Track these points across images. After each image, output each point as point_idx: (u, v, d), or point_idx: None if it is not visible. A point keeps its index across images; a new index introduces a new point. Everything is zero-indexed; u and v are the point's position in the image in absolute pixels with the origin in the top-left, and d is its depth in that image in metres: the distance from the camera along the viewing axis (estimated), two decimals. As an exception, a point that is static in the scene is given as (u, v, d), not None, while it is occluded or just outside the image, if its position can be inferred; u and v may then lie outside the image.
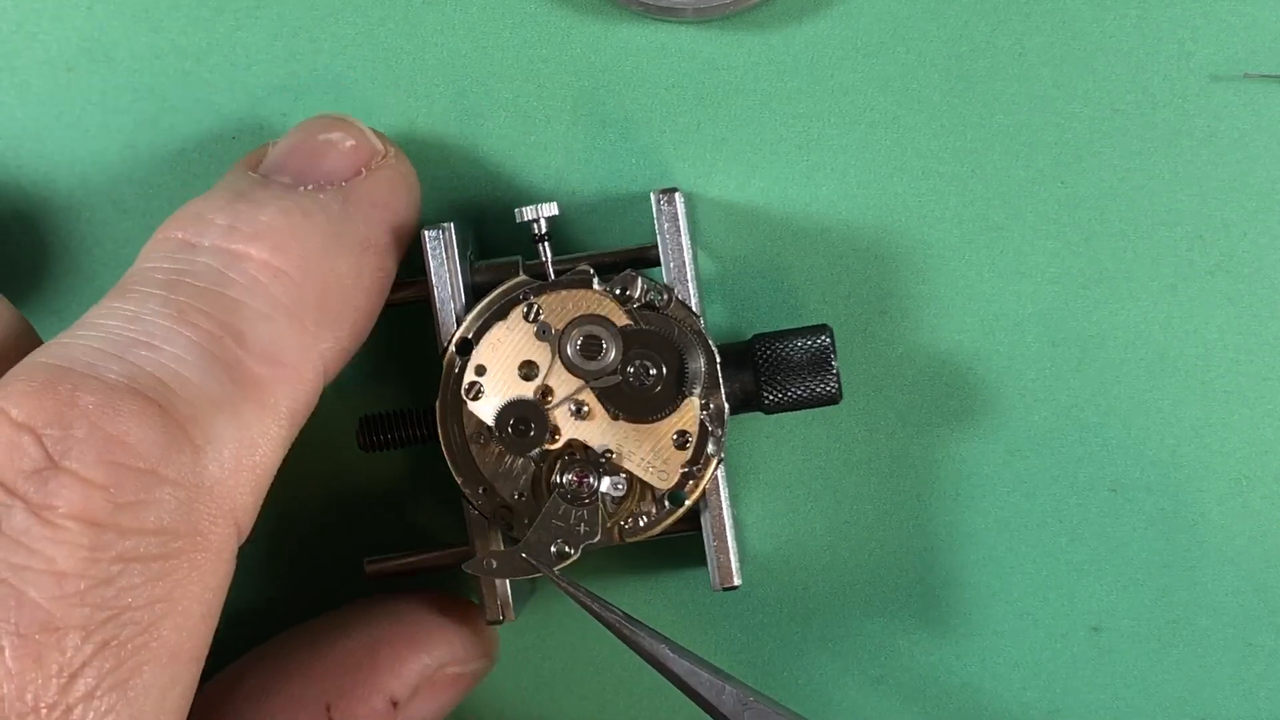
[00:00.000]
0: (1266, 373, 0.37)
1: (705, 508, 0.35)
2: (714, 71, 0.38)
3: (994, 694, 0.39)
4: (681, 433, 0.34)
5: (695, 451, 0.34)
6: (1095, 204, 0.37)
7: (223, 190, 0.33)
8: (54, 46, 0.38)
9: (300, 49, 0.38)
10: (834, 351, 0.35)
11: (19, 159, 0.38)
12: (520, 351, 0.34)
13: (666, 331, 0.34)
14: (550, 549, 0.34)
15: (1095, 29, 0.37)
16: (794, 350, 0.35)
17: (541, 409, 0.34)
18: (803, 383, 0.35)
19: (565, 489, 0.34)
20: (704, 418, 0.34)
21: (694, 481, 0.35)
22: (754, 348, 0.35)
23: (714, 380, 0.35)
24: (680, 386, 0.34)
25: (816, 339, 0.35)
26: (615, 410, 0.34)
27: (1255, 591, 0.38)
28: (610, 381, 0.34)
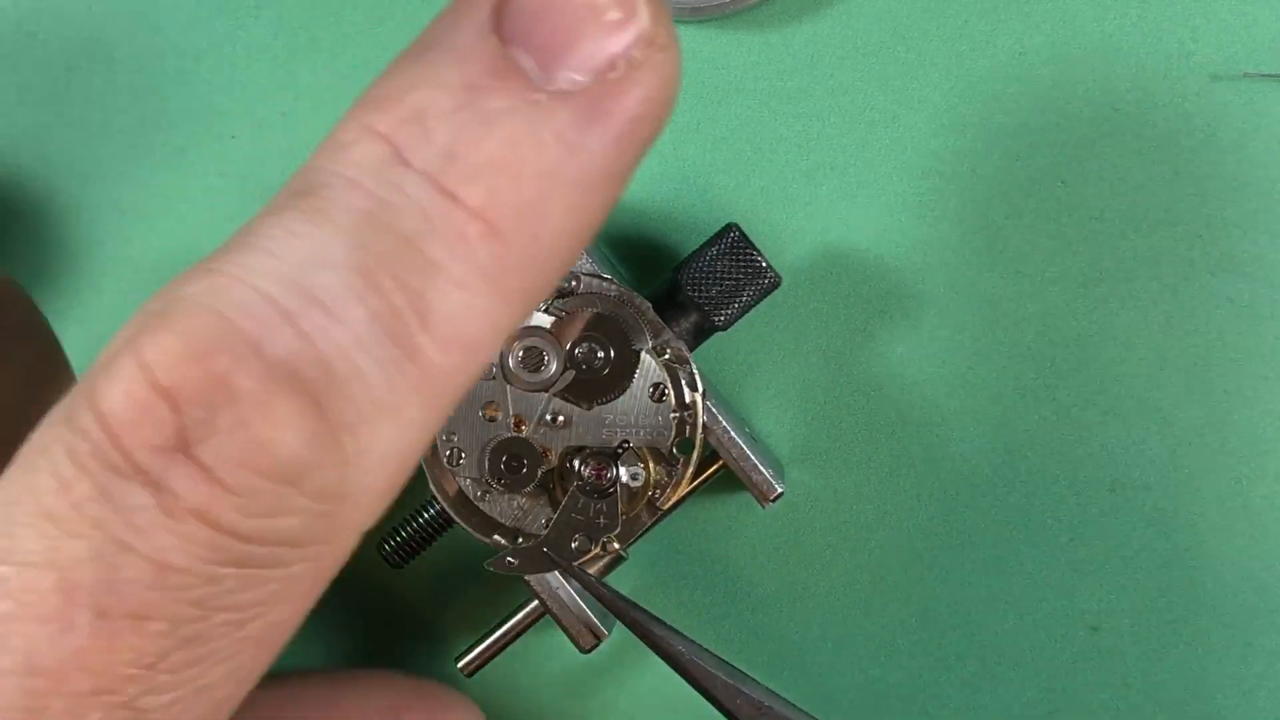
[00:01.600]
0: (1266, 373, 0.37)
1: (717, 441, 0.35)
2: (714, 71, 0.38)
3: (994, 694, 0.39)
4: (654, 387, 0.34)
5: (676, 398, 0.34)
6: (1095, 204, 0.37)
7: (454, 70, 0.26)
8: (54, 46, 0.38)
9: (300, 49, 0.38)
10: (749, 242, 0.35)
11: (19, 159, 0.38)
12: (474, 398, 0.34)
13: (591, 308, 0.34)
14: (571, 544, 0.34)
15: (1095, 29, 0.37)
16: (714, 262, 0.35)
17: (523, 439, 0.34)
18: (739, 287, 0.35)
19: (585, 482, 0.34)
20: (667, 363, 0.34)
21: (690, 424, 0.35)
22: (679, 280, 0.35)
23: (658, 327, 0.35)
24: (630, 349, 0.34)
25: (727, 239, 0.35)
26: (586, 402, 0.34)
27: (1255, 591, 0.38)
28: (567, 379, 0.34)
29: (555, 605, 0.36)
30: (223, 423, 0.24)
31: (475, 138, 0.25)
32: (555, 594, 0.36)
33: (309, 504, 0.24)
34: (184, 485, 0.24)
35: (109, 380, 0.24)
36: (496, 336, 0.26)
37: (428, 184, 0.25)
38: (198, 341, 0.24)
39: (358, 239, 0.25)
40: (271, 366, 0.24)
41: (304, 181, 0.25)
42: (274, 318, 0.24)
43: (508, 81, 0.25)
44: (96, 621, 0.24)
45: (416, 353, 0.25)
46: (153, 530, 0.24)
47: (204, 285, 0.24)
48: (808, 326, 0.38)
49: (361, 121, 0.26)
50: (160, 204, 0.38)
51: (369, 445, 0.25)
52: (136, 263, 0.39)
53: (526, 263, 0.25)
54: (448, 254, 0.25)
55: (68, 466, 0.24)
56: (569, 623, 0.36)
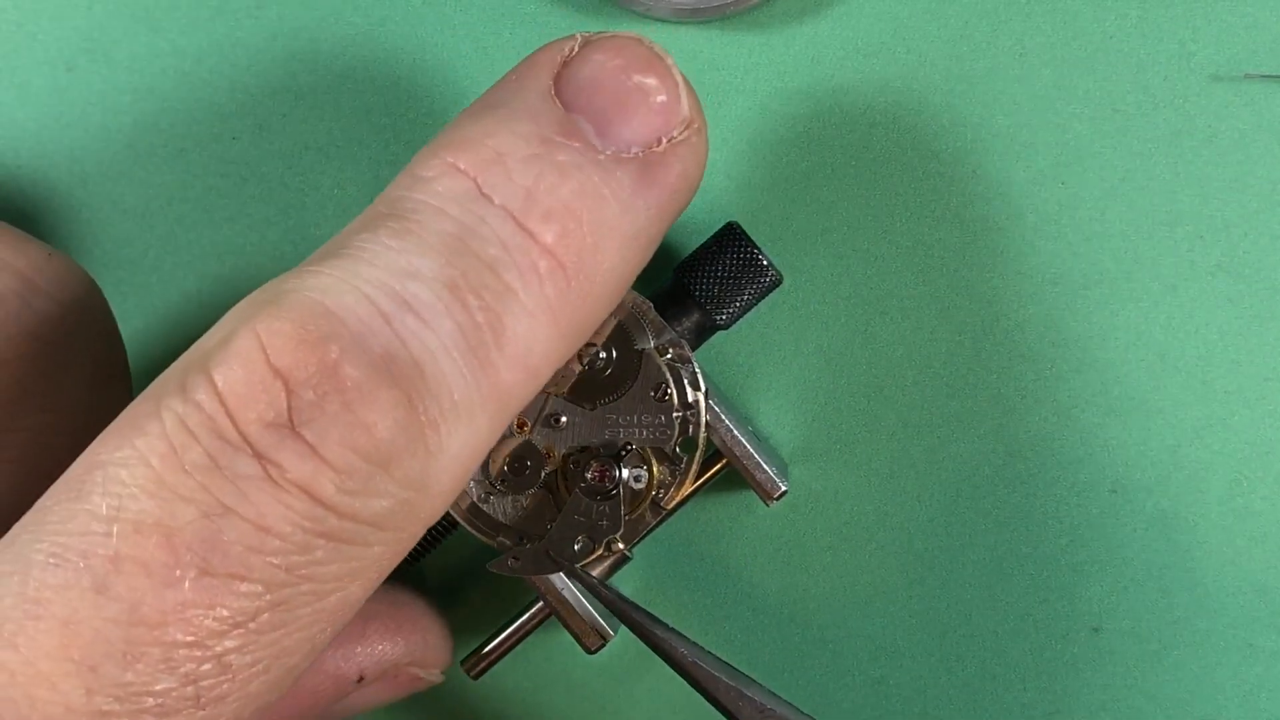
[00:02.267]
0: (1266, 373, 0.37)
1: (720, 440, 0.35)
2: (714, 72, 0.38)
3: (994, 694, 0.38)
4: (657, 387, 0.34)
5: (679, 398, 0.34)
6: (1095, 204, 0.37)
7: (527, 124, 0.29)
8: (54, 46, 0.38)
9: (300, 49, 0.38)
10: (750, 240, 0.35)
11: (19, 159, 0.38)
12: None
13: None
14: (574, 545, 0.34)
15: (1095, 29, 0.37)
16: (715, 260, 0.35)
17: (526, 440, 0.34)
18: (740, 285, 0.35)
19: (589, 485, 0.34)
20: (669, 363, 0.34)
21: (693, 423, 0.35)
22: (680, 279, 0.35)
23: (659, 326, 0.35)
24: (632, 349, 0.34)
25: (728, 237, 0.35)
26: (588, 402, 0.34)
27: (1255, 592, 0.38)
28: (568, 381, 0.34)
29: (561, 606, 0.36)
30: (330, 406, 0.26)
31: (551, 184, 0.28)
32: (560, 595, 0.36)
33: (396, 489, 0.27)
34: (290, 459, 0.26)
35: (227, 357, 0.26)
36: (552, 365, 0.29)
37: (508, 218, 0.28)
38: (310, 330, 0.26)
39: (445, 257, 0.28)
40: (374, 360, 0.27)
41: (389, 206, 0.29)
42: (375, 317, 0.27)
43: (575, 140, 0.29)
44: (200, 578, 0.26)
45: (491, 367, 0.28)
46: (258, 496, 0.26)
47: (311, 282, 0.27)
48: (808, 327, 0.38)
49: (443, 159, 0.29)
50: (160, 204, 0.38)
51: (447, 443, 0.27)
52: (136, 263, 0.39)
53: (582, 301, 0.29)
54: (522, 284, 0.28)
55: (180, 434, 0.26)
56: (575, 624, 0.36)
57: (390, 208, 0.29)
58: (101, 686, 0.25)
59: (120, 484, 0.26)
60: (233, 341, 0.27)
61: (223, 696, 0.26)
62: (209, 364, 0.26)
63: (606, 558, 0.35)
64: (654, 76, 0.30)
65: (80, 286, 0.33)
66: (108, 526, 0.26)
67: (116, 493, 0.26)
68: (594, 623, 0.36)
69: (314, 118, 0.38)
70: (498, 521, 0.35)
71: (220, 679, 0.26)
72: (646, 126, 0.30)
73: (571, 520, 0.34)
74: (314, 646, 0.27)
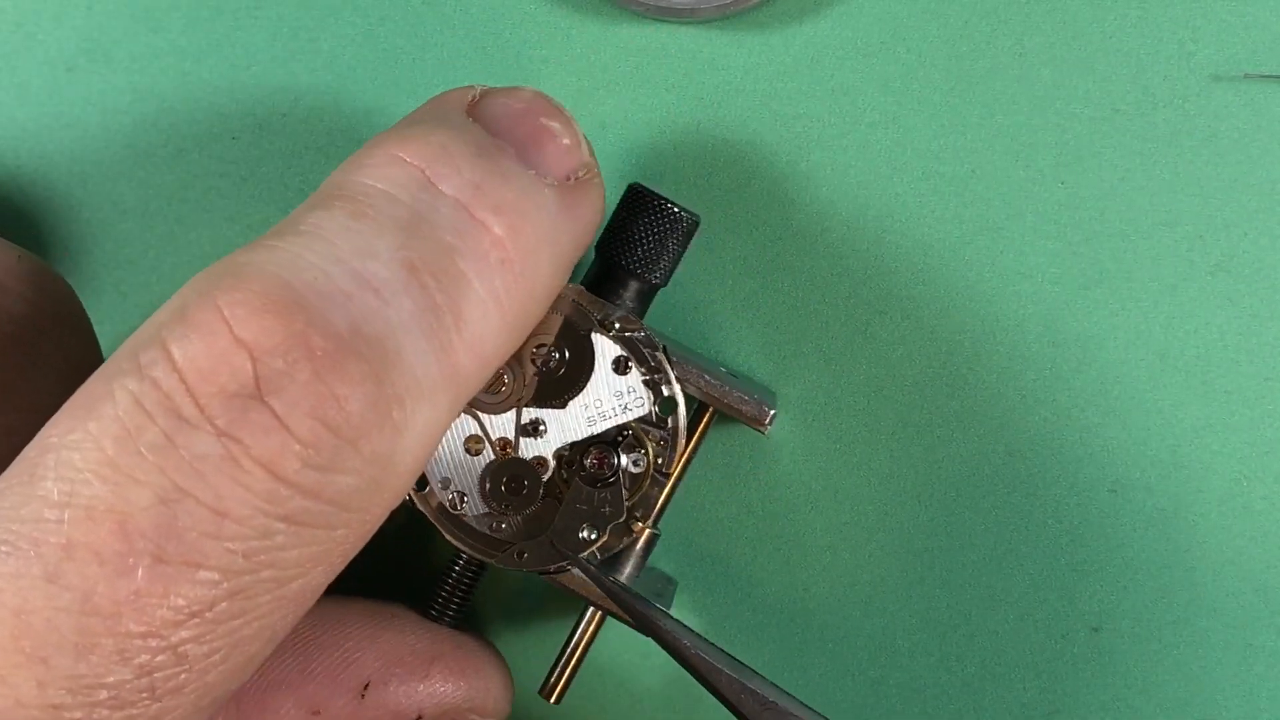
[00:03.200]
0: (1266, 373, 0.37)
1: (696, 389, 0.35)
2: (714, 71, 0.38)
3: (994, 694, 0.38)
4: (616, 362, 0.34)
5: (642, 364, 0.34)
6: (1095, 204, 0.37)
7: (461, 131, 0.30)
8: (54, 46, 0.38)
9: (300, 49, 0.38)
10: (655, 193, 0.35)
11: (19, 159, 0.38)
12: (452, 441, 0.34)
13: None
14: (579, 534, 0.34)
15: (1095, 29, 0.37)
16: (628, 224, 0.35)
17: (515, 459, 0.34)
18: (662, 239, 0.35)
19: (588, 473, 0.34)
20: (620, 336, 0.34)
21: (664, 381, 0.35)
22: (605, 254, 0.35)
23: (599, 305, 0.35)
24: (580, 336, 0.34)
25: (634, 199, 0.35)
26: (558, 401, 0.34)
27: (1255, 592, 0.38)
28: (531, 389, 0.34)
29: (603, 602, 0.36)
30: (300, 374, 0.25)
31: (497, 182, 0.29)
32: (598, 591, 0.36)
33: (363, 465, 0.26)
34: (253, 434, 0.25)
35: (186, 330, 0.25)
36: (499, 358, 0.29)
37: (460, 207, 0.28)
38: (275, 300, 0.26)
39: (401, 239, 0.27)
40: (340, 332, 0.26)
41: (337, 189, 0.28)
42: (336, 292, 0.26)
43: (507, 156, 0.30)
44: (154, 567, 0.25)
45: (451, 349, 0.28)
46: (216, 478, 0.25)
47: (266, 256, 0.26)
48: (808, 327, 0.38)
49: (387, 150, 0.29)
50: (160, 204, 0.38)
51: (412, 420, 0.27)
52: (137, 263, 0.39)
53: (527, 298, 0.29)
54: (475, 271, 0.28)
55: (135, 414, 0.25)
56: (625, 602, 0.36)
57: (340, 190, 0.28)
58: (53, 679, 0.25)
59: (73, 468, 0.25)
60: (190, 314, 0.26)
61: (179, 688, 0.25)
62: (165, 338, 0.25)
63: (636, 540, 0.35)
64: (557, 122, 0.31)
65: (52, 287, 0.33)
66: (60, 513, 0.25)
67: (69, 477, 0.25)
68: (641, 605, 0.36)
69: (314, 118, 0.38)
70: (520, 546, 0.35)
71: (176, 670, 0.25)
72: (560, 161, 0.30)
73: (574, 510, 0.34)
74: (274, 634, 0.27)
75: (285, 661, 0.34)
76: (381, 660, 0.35)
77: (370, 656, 0.35)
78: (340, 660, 0.35)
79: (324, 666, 0.35)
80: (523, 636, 0.40)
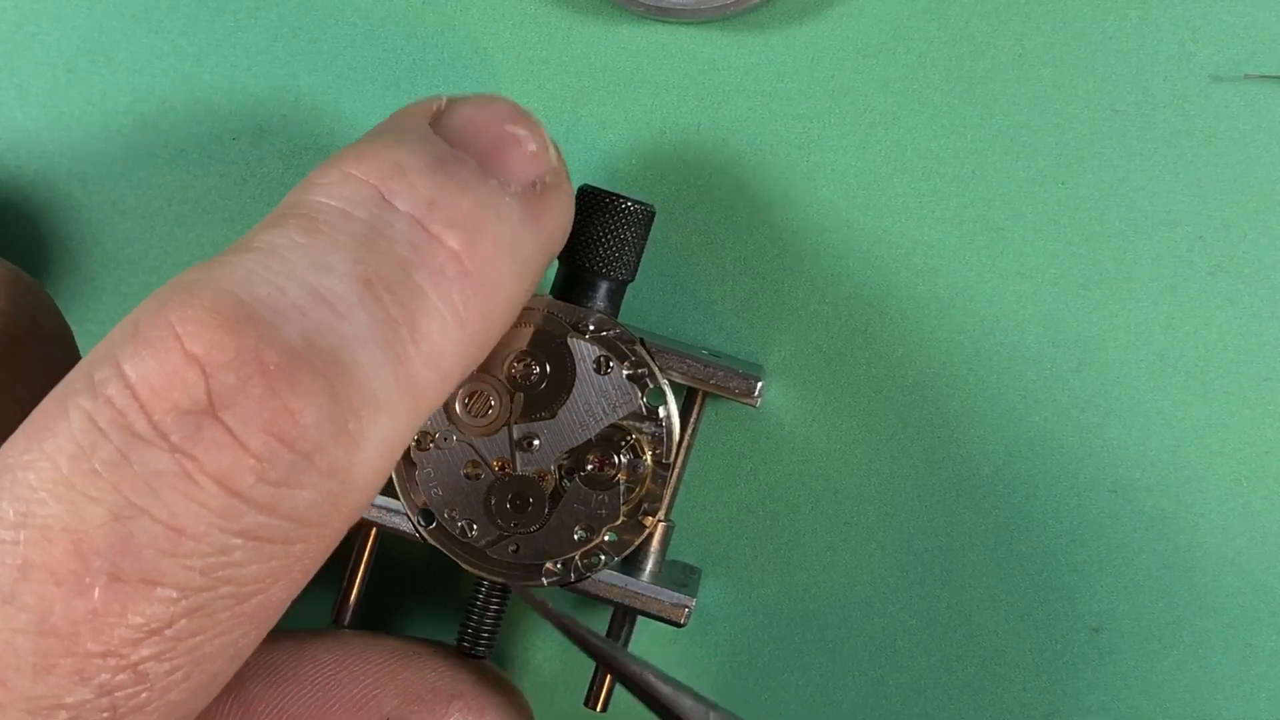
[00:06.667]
0: (1266, 373, 0.37)
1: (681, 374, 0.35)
2: (714, 72, 0.38)
3: (994, 694, 0.38)
4: (596, 363, 0.34)
5: (623, 360, 0.34)
6: (1095, 205, 0.37)
7: (418, 145, 0.29)
8: (54, 46, 0.38)
9: (300, 49, 0.38)
10: (605, 191, 0.35)
11: (19, 159, 0.38)
12: (451, 471, 0.34)
13: None
14: (572, 535, 0.34)
15: (1095, 29, 0.37)
16: (587, 227, 0.35)
17: (517, 478, 0.34)
18: (619, 235, 0.35)
19: (588, 475, 0.34)
20: (596, 337, 0.34)
21: (648, 374, 0.35)
22: (568, 260, 0.35)
23: (569, 311, 0.35)
24: (556, 344, 0.34)
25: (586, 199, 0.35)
26: (547, 412, 0.34)
27: (1255, 592, 0.38)
28: (519, 405, 0.34)
29: (633, 600, 0.36)
30: (253, 389, 0.25)
31: (453, 196, 0.29)
32: (627, 589, 0.36)
33: (320, 479, 0.26)
34: (207, 450, 0.25)
35: (138, 348, 0.25)
36: (460, 371, 0.29)
37: (414, 223, 0.28)
38: (226, 315, 0.26)
39: (357, 254, 0.27)
40: (294, 347, 0.26)
41: (291, 207, 0.28)
42: (289, 307, 0.26)
43: (467, 164, 0.29)
44: (110, 585, 0.25)
45: (408, 361, 0.27)
46: (170, 495, 0.25)
47: (220, 272, 0.26)
48: (808, 328, 0.38)
49: (340, 169, 0.29)
50: (160, 204, 0.38)
51: (369, 434, 0.27)
52: (136, 263, 0.39)
53: (487, 311, 0.29)
54: (432, 286, 0.28)
55: (88, 432, 0.25)
56: (656, 608, 0.36)
57: (294, 209, 0.28)
58: (12, 700, 0.24)
59: (28, 488, 0.25)
60: (143, 331, 0.26)
61: (140, 707, 0.25)
62: (119, 356, 0.25)
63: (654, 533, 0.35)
64: (524, 128, 0.31)
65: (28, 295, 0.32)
66: (15, 534, 0.25)
67: (24, 497, 0.25)
68: (672, 599, 0.36)
69: (314, 118, 0.38)
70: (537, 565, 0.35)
71: (137, 689, 0.25)
72: (524, 168, 0.30)
73: (571, 510, 0.34)
74: (238, 651, 0.27)
75: (304, 697, 0.34)
76: (401, 697, 0.35)
77: (389, 693, 0.35)
78: (359, 697, 0.34)
79: (343, 703, 0.34)
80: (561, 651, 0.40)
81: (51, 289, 0.39)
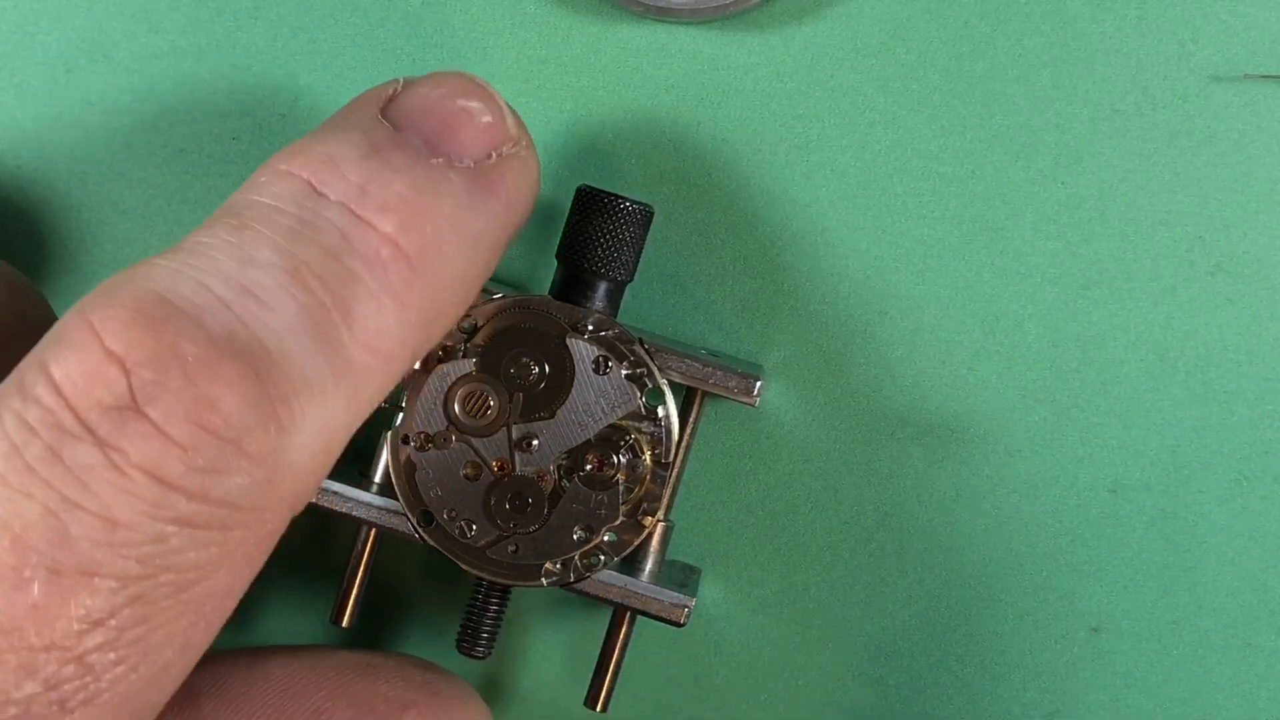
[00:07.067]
0: (1266, 373, 0.37)
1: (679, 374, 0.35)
2: (714, 72, 0.38)
3: (994, 694, 0.38)
4: (595, 363, 0.34)
5: (622, 360, 0.34)
6: (1095, 204, 0.37)
7: (355, 134, 0.30)
8: (54, 46, 0.38)
9: (300, 49, 0.38)
10: (603, 191, 0.35)
11: (19, 159, 0.38)
12: (450, 472, 0.34)
13: (500, 324, 0.34)
14: (572, 535, 0.34)
15: (1095, 29, 0.37)
16: (582, 226, 0.35)
17: (517, 478, 0.34)
18: (618, 234, 0.35)
19: (587, 475, 0.34)
20: (595, 337, 0.34)
21: (647, 374, 0.35)
22: (566, 260, 0.35)
23: (568, 311, 0.35)
24: (554, 344, 0.34)
25: (585, 200, 0.35)
26: (546, 412, 0.34)
27: (1255, 592, 0.38)
28: (518, 405, 0.34)
29: (632, 600, 0.36)
30: (172, 382, 0.26)
31: (385, 179, 0.29)
32: (626, 589, 0.36)
33: (249, 466, 0.26)
34: (133, 442, 0.25)
35: (60, 348, 0.26)
36: (405, 353, 0.29)
37: (344, 210, 0.29)
38: (144, 312, 0.26)
39: (285, 246, 0.28)
40: (214, 339, 0.26)
41: (226, 210, 0.29)
42: (212, 301, 0.27)
43: (405, 147, 0.30)
44: (49, 579, 0.25)
45: (341, 347, 0.28)
46: (102, 487, 0.25)
47: (143, 273, 0.27)
48: (808, 328, 0.38)
49: (274, 167, 0.29)
50: (160, 204, 0.38)
51: (300, 419, 0.27)
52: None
53: (430, 291, 0.29)
54: (366, 269, 0.28)
55: (19, 430, 0.25)
56: (656, 608, 0.36)
57: (228, 211, 0.29)
58: None
59: None
60: (66, 333, 0.26)
61: (90, 699, 0.26)
62: (45, 359, 0.26)
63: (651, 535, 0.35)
64: (478, 100, 0.31)
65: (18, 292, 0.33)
66: None
67: None
68: (672, 599, 0.36)
69: (314, 118, 0.38)
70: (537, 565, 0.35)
71: (85, 680, 0.25)
72: (475, 142, 0.30)
73: (570, 510, 0.34)
74: (187, 642, 0.27)
75: (256, 714, 0.34)
76: (353, 710, 0.35)
77: (341, 706, 0.35)
78: (311, 711, 0.35)
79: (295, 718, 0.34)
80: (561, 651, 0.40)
81: (51, 289, 0.39)
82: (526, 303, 0.34)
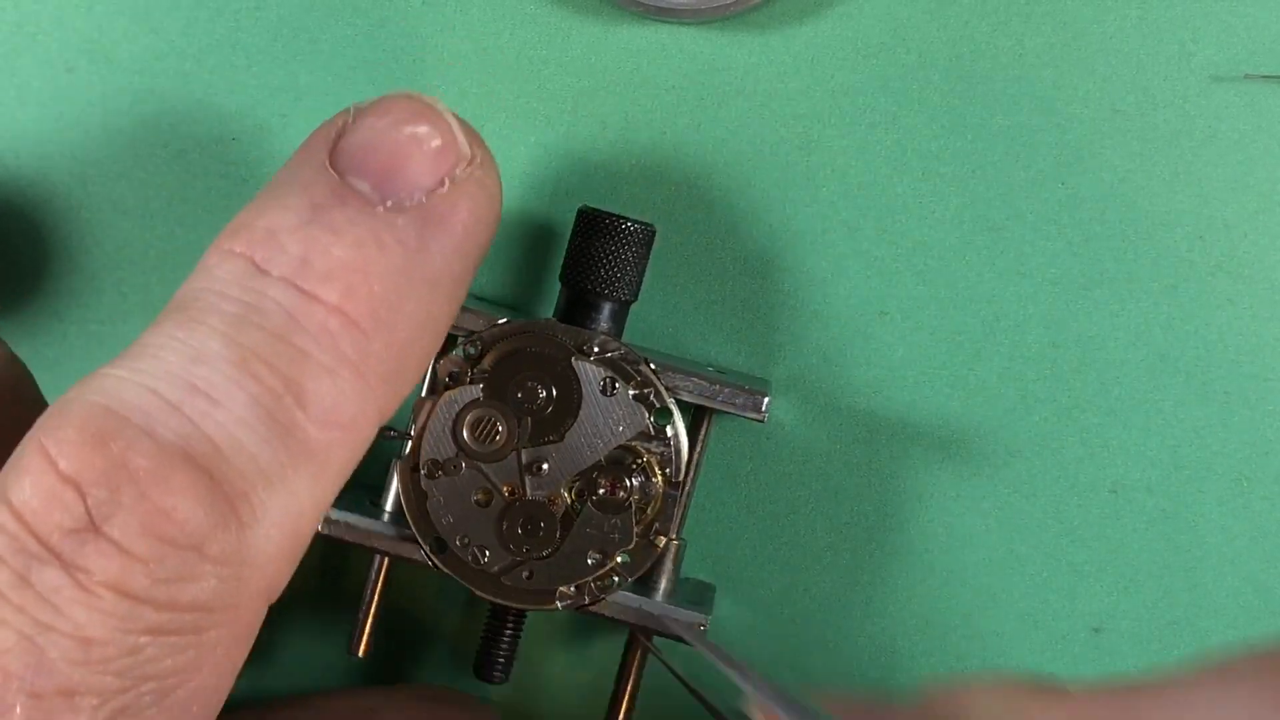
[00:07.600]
0: (1266, 373, 0.37)
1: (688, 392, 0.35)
2: (714, 72, 0.38)
3: (994, 694, 0.38)
4: (603, 384, 0.34)
5: (629, 381, 0.34)
6: (1095, 204, 0.37)
7: (298, 197, 0.29)
8: (54, 47, 0.38)
9: (300, 49, 0.38)
10: (605, 212, 0.35)
11: (19, 159, 0.38)
12: (462, 498, 0.34)
13: (506, 349, 0.34)
14: (586, 559, 0.34)
15: (1095, 29, 0.37)
16: (585, 247, 0.35)
17: (528, 501, 0.34)
18: (620, 255, 0.35)
19: (600, 499, 0.34)
20: (602, 359, 0.34)
21: (654, 394, 0.35)
22: (570, 283, 0.35)
23: (573, 334, 0.35)
24: (561, 367, 0.34)
25: (587, 222, 0.35)
26: (555, 435, 0.34)
27: (1255, 591, 0.38)
28: (527, 429, 0.34)
29: (648, 620, 0.36)
30: (125, 499, 0.26)
31: (325, 246, 0.28)
32: (641, 610, 0.36)
33: (214, 568, 0.26)
34: (96, 561, 0.26)
35: (18, 475, 0.26)
36: (369, 417, 0.29)
37: (287, 286, 0.28)
38: (93, 431, 0.26)
39: (231, 336, 0.28)
40: (163, 446, 0.26)
41: (177, 301, 0.29)
42: (161, 407, 0.27)
43: (348, 201, 0.29)
44: (30, 703, 0.26)
45: (297, 429, 0.28)
46: (72, 608, 0.26)
47: (94, 386, 0.27)
48: (808, 329, 0.38)
49: (220, 248, 0.29)
50: (160, 204, 0.38)
51: (263, 512, 0.27)
52: (136, 263, 0.39)
53: (388, 350, 0.29)
54: (315, 345, 0.28)
55: None
56: (672, 628, 0.35)
57: (178, 303, 0.29)
58: None
59: None
60: (23, 459, 0.26)
61: None
62: (4, 487, 0.26)
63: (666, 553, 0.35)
64: (425, 124, 0.30)
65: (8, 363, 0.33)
66: None
67: None
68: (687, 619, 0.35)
69: (314, 117, 0.38)
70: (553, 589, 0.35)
71: None
72: (425, 172, 0.30)
73: (583, 534, 0.34)
74: None
75: None
76: None
77: None
78: None
79: None
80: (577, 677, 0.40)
81: (52, 289, 0.39)
82: (531, 326, 0.34)
